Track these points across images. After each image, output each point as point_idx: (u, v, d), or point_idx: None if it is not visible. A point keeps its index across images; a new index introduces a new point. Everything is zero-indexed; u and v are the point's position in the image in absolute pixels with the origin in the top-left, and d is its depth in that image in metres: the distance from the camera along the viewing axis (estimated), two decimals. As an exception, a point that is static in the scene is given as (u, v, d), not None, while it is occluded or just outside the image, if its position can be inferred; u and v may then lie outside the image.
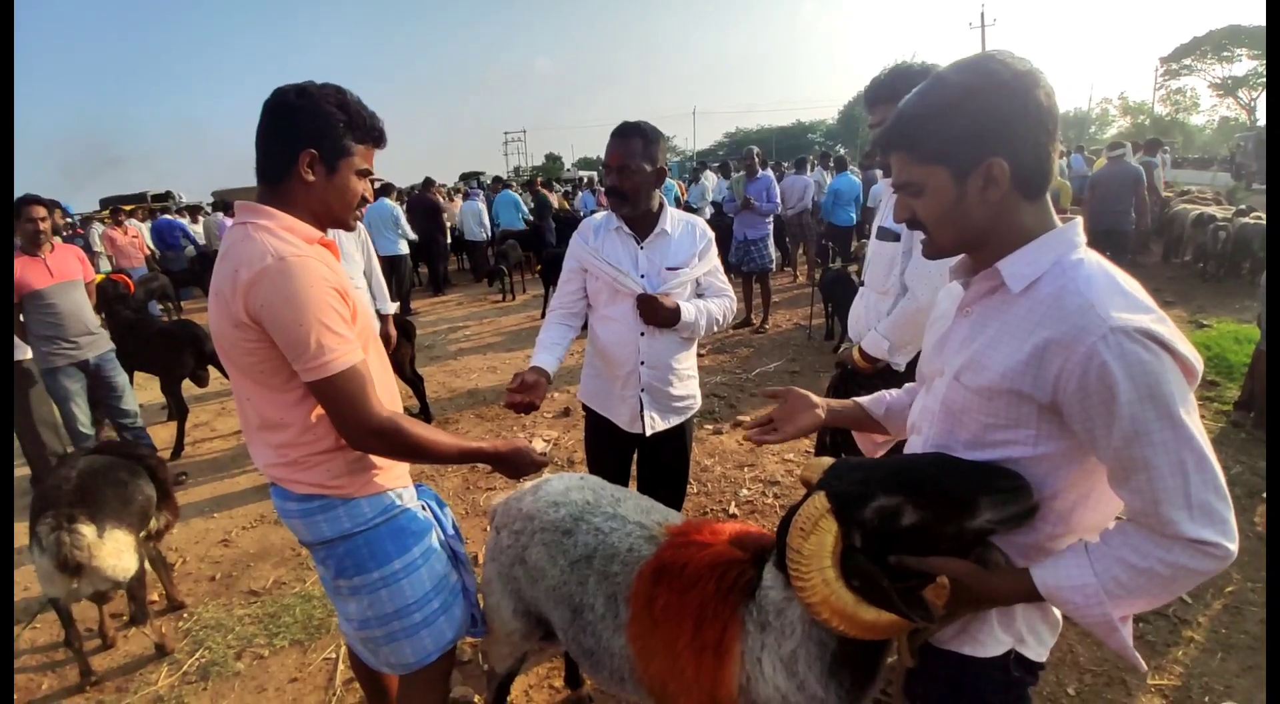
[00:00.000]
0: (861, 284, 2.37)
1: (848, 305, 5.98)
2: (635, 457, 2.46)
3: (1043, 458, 1.00)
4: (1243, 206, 8.39)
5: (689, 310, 2.19)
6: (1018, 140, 0.95)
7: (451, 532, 1.71)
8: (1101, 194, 7.21)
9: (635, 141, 2.11)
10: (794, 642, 1.22)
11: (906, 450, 1.24)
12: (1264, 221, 3.92)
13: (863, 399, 1.44)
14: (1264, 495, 3.33)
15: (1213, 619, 2.56)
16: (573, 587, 1.58)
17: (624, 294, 2.19)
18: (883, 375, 2.14)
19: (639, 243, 2.22)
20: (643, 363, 2.24)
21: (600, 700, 2.33)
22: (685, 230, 2.29)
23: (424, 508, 1.64)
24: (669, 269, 2.23)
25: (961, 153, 0.97)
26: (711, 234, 2.35)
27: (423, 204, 10.70)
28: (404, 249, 8.96)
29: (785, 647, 1.23)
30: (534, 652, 2.36)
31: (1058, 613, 1.14)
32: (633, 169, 2.12)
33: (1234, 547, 0.89)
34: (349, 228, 1.54)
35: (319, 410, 1.39)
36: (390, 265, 7.94)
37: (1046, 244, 0.99)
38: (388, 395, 1.52)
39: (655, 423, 2.32)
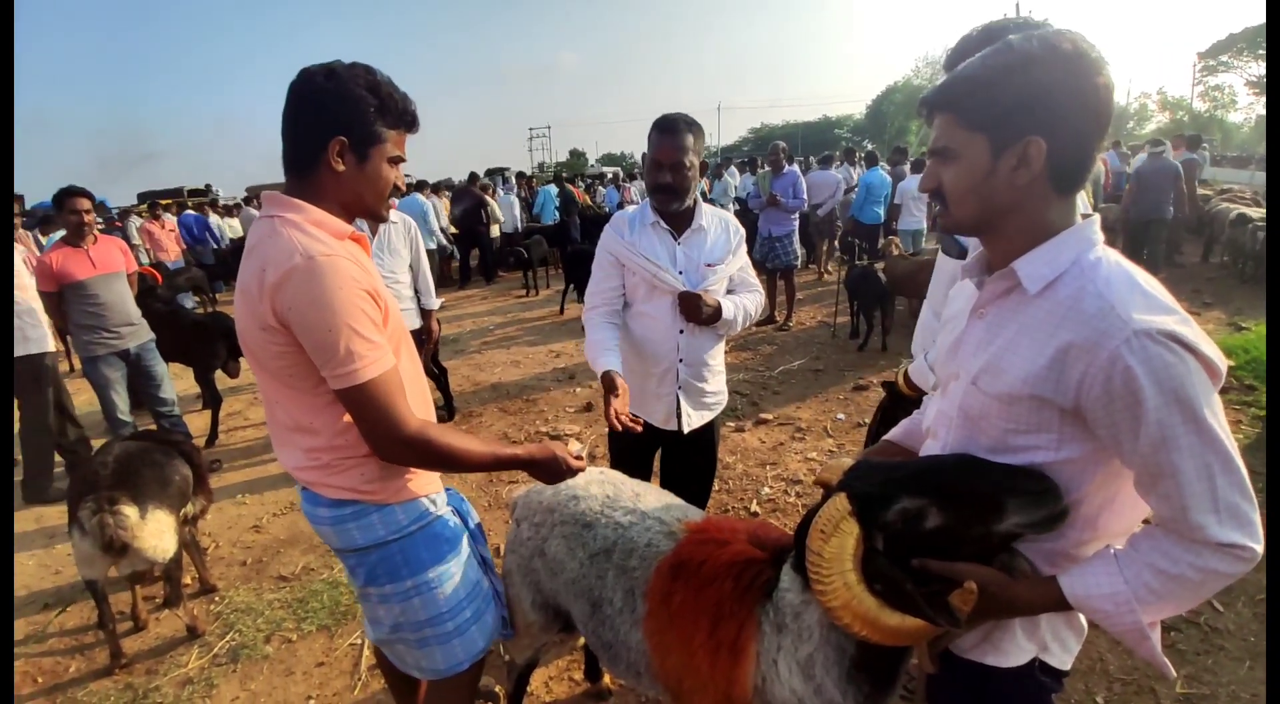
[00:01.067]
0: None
1: (873, 303, 6.00)
2: (659, 454, 2.47)
3: (1067, 462, 0.98)
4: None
5: (729, 307, 2.20)
6: (1062, 122, 0.92)
7: (478, 535, 1.67)
8: (1143, 187, 7.77)
9: (685, 136, 2.08)
10: (811, 645, 1.21)
11: (922, 454, 1.22)
12: None
13: (892, 434, 1.41)
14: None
15: (1243, 627, 2.50)
16: (592, 580, 1.59)
17: (662, 291, 2.18)
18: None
19: (676, 238, 2.21)
20: (681, 360, 2.24)
21: (620, 694, 2.35)
22: (720, 226, 2.28)
23: (453, 513, 1.60)
24: (707, 265, 2.22)
25: (1005, 122, 0.93)
26: (743, 230, 2.34)
27: (469, 198, 11.08)
28: (431, 245, 9.30)
29: (802, 650, 1.22)
30: (554, 643, 2.39)
31: (1083, 619, 1.12)
32: (686, 164, 2.09)
33: (1260, 548, 0.88)
34: (381, 218, 1.47)
35: (347, 412, 1.35)
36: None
37: (1065, 242, 0.96)
38: (419, 401, 1.47)
39: (691, 419, 2.32)
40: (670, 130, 2.09)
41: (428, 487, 1.50)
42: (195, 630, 2.80)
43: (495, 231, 11.19)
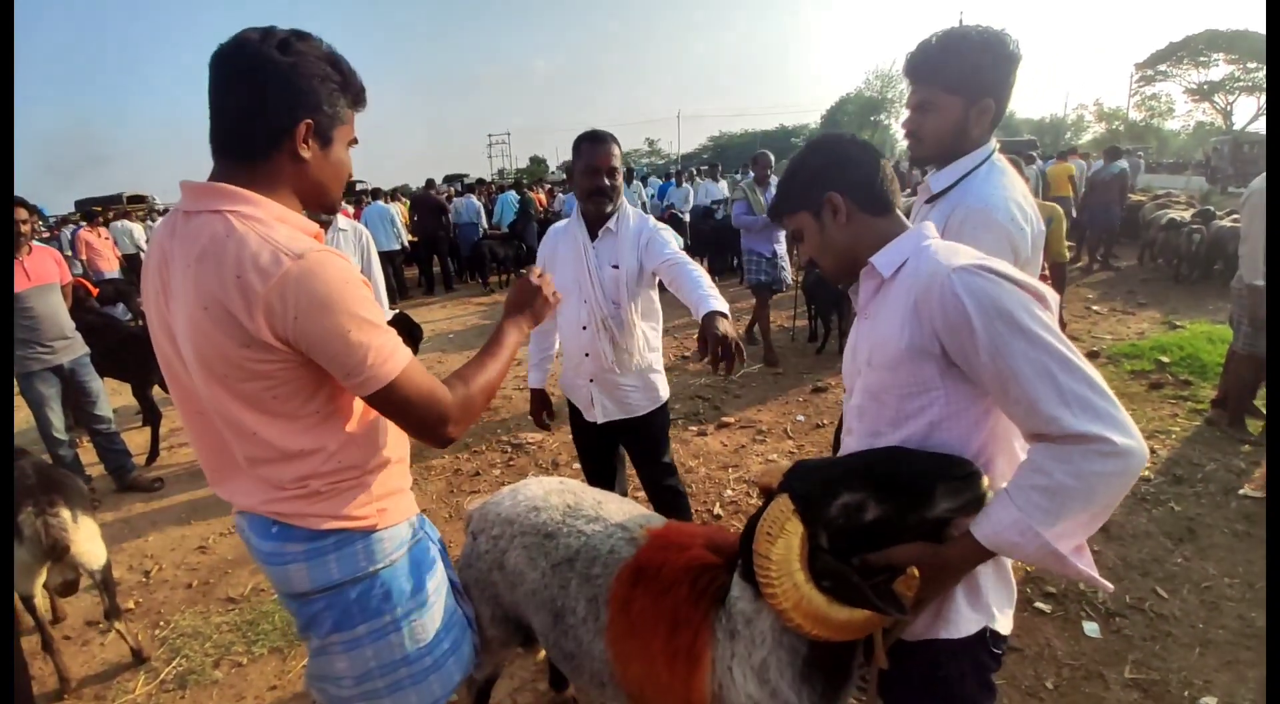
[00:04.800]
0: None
1: (830, 307, 6.08)
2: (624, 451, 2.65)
3: (960, 414, 1.11)
4: (1208, 209, 8.59)
5: (718, 305, 1.93)
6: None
7: (444, 558, 1.52)
8: (1091, 192, 9.52)
9: (614, 145, 2.32)
10: (764, 650, 1.21)
11: (843, 450, 1.30)
12: (1239, 225, 4.02)
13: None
14: (1240, 492, 3.38)
15: (1190, 614, 2.59)
16: (554, 590, 1.56)
17: (568, 290, 2.35)
18: None
19: (591, 240, 2.38)
20: (587, 355, 2.40)
21: None
22: (632, 228, 2.38)
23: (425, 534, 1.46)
24: (612, 267, 2.36)
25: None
26: (655, 225, 2.39)
27: (428, 202, 11.11)
28: (397, 245, 9.81)
29: (756, 655, 1.22)
30: (517, 656, 2.34)
31: (1013, 584, 1.23)
32: (619, 170, 2.34)
33: (1125, 440, 0.94)
34: (335, 210, 1.33)
35: (349, 423, 1.21)
36: (387, 260, 8.81)
37: (907, 237, 1.21)
38: None
39: (607, 411, 2.47)
40: (603, 140, 2.30)
41: (410, 508, 1.38)
42: (140, 655, 2.66)
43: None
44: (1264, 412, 4.03)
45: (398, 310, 4.75)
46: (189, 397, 1.21)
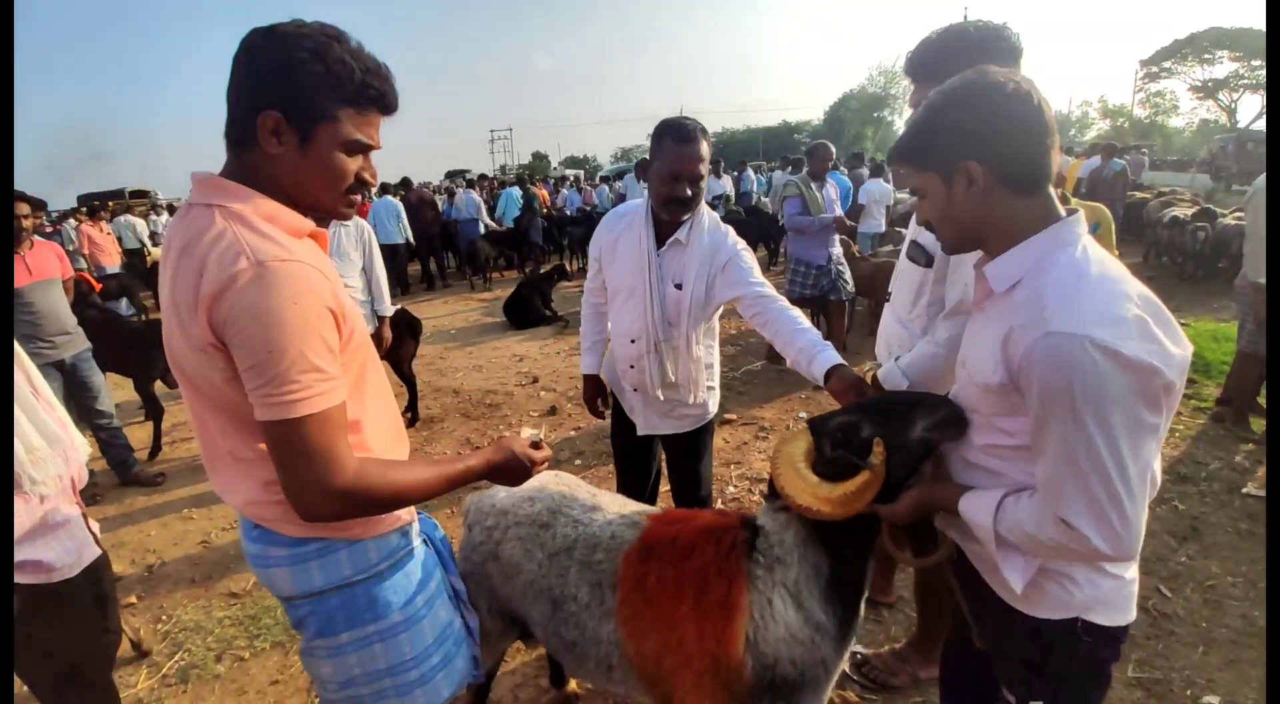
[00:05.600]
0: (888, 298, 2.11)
1: (829, 304, 6.04)
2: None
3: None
4: (1209, 207, 8.57)
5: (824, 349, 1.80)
6: (994, 141, 1.05)
7: (449, 563, 1.49)
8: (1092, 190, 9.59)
9: (703, 144, 1.98)
10: (795, 568, 1.36)
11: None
12: (1243, 222, 4.00)
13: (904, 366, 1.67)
14: (1243, 491, 3.37)
15: (1193, 613, 2.58)
16: (552, 579, 1.57)
17: (624, 294, 2.19)
18: None
19: (658, 247, 2.12)
20: (632, 367, 2.23)
21: (587, 698, 2.31)
22: (708, 243, 2.08)
23: (425, 541, 1.42)
24: (675, 286, 2.10)
25: (943, 158, 1.10)
26: (741, 246, 2.12)
27: (416, 199, 10.99)
28: (401, 240, 9.74)
29: (790, 575, 1.36)
30: (517, 652, 2.34)
31: (1133, 587, 1.21)
32: (704, 176, 2.03)
33: (1111, 549, 1.00)
34: (340, 216, 1.20)
35: None
36: (390, 253, 8.56)
37: (1032, 245, 1.07)
38: (390, 435, 1.28)
39: (651, 425, 2.32)
40: (689, 139, 1.95)
41: (404, 516, 1.33)
42: (141, 648, 2.66)
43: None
44: (1265, 409, 4.01)
45: (399, 306, 4.75)
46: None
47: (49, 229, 11.04)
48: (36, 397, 1.81)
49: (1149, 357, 0.95)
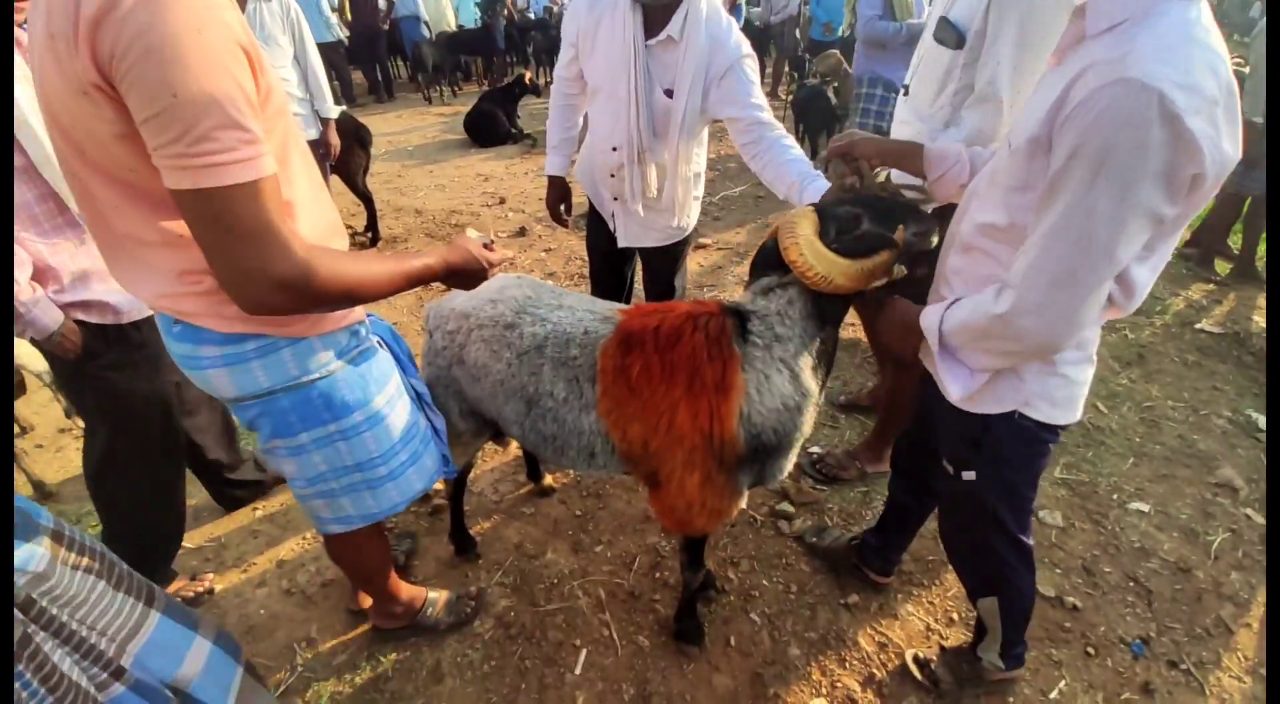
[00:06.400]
0: (904, 92, 1.90)
1: (821, 126, 5.74)
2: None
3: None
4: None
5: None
6: None
7: (409, 367, 1.47)
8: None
9: None
10: (795, 342, 1.42)
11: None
12: (1243, 69, 4.09)
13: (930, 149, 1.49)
14: (1197, 326, 3.50)
15: (1127, 429, 2.73)
16: (524, 378, 1.55)
17: (606, 93, 1.94)
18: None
19: (646, 39, 1.82)
20: (612, 176, 2.08)
21: (562, 489, 2.43)
22: (704, 41, 1.79)
23: (380, 344, 1.36)
24: (664, 91, 1.86)
25: None
26: (745, 49, 1.86)
27: None
28: (330, 37, 7.86)
29: (790, 349, 1.42)
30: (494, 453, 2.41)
31: (1080, 390, 1.29)
32: None
33: (1022, 322, 1.05)
34: None
35: None
36: (323, 54, 7.05)
37: None
38: (322, 222, 1.15)
39: (630, 236, 2.22)
40: None
41: (356, 313, 1.27)
42: None
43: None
44: (1235, 253, 4.08)
45: (343, 108, 4.30)
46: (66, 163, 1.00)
47: None
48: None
49: (1203, 139, 0.89)
